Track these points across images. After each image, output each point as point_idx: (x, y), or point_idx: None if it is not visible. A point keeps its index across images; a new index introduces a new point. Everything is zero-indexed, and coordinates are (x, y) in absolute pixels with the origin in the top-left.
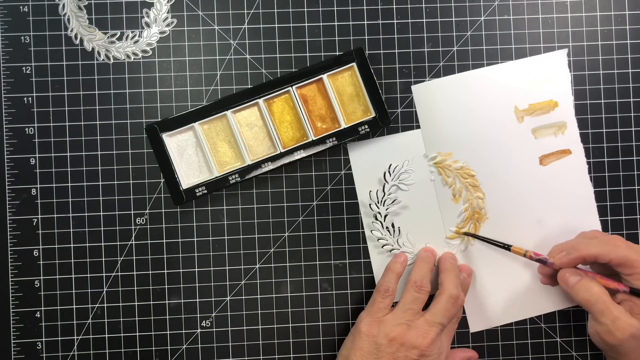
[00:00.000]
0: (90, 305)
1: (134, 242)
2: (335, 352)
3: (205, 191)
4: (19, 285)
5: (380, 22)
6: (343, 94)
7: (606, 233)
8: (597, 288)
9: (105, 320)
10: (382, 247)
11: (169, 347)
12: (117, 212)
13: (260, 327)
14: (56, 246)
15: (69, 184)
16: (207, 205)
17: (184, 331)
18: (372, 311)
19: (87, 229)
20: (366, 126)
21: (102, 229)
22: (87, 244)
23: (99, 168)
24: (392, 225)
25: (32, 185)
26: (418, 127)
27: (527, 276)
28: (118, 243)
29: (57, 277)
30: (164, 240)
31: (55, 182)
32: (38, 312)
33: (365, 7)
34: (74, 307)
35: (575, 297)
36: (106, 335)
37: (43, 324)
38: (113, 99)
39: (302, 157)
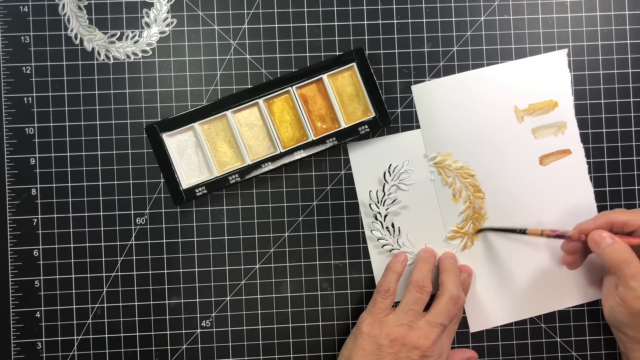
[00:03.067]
0: (90, 305)
1: (134, 242)
2: (335, 352)
3: (205, 191)
4: (19, 285)
5: (380, 22)
6: (343, 94)
7: None
8: (630, 252)
9: (105, 320)
10: (382, 247)
11: (169, 347)
12: (117, 212)
13: (260, 327)
14: (56, 246)
15: (69, 184)
16: (207, 205)
17: (184, 331)
18: (373, 312)
19: (87, 229)
20: (366, 126)
21: (102, 229)
22: (87, 244)
23: (99, 168)
24: (392, 225)
25: (32, 185)
26: (418, 127)
27: (527, 276)
28: (118, 243)
29: (57, 277)
30: (164, 240)
31: (55, 182)
32: (38, 312)
33: (365, 7)
34: (74, 307)
35: (606, 258)
36: (106, 335)
37: (43, 324)
38: (113, 99)
39: (302, 157)
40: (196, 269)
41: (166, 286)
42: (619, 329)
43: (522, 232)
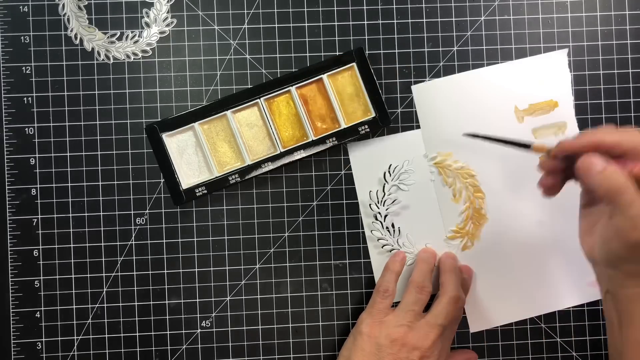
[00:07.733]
0: (90, 305)
1: (134, 242)
2: (335, 352)
3: (205, 191)
4: (19, 285)
5: (380, 22)
6: (343, 94)
7: None
8: (625, 177)
9: (105, 320)
10: (382, 247)
11: (169, 347)
12: (117, 212)
13: (260, 327)
14: (56, 246)
15: (69, 184)
16: (207, 205)
17: (184, 331)
18: (372, 312)
19: (87, 229)
20: (366, 126)
21: (102, 229)
22: (87, 244)
23: (99, 168)
24: (392, 225)
25: (32, 185)
26: (418, 127)
27: (527, 276)
28: (118, 243)
29: (57, 277)
30: (164, 240)
31: (55, 182)
32: (38, 312)
33: (365, 7)
34: (74, 307)
35: (598, 185)
36: (106, 335)
37: (43, 324)
38: (113, 99)
39: (302, 157)
40: (196, 269)
41: (166, 286)
42: (610, 265)
43: (527, 146)
